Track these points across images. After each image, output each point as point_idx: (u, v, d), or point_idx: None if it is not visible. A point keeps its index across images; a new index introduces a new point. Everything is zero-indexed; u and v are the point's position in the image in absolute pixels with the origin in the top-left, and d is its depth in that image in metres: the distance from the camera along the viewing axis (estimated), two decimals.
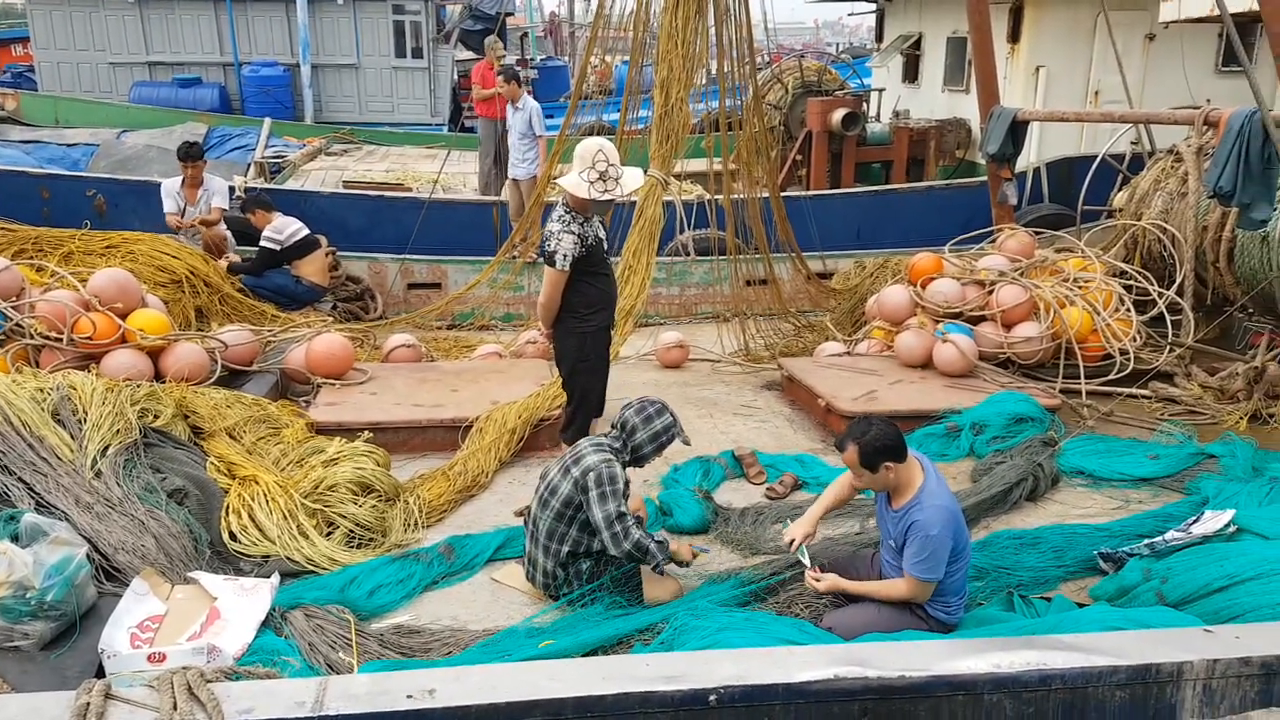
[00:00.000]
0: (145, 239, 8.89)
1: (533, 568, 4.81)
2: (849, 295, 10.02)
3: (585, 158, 5.64)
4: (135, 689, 3.09)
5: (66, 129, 18.28)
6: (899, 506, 4.23)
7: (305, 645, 4.16)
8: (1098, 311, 7.74)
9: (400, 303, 10.79)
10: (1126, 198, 9.64)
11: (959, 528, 4.18)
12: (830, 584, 4.37)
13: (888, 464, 4.16)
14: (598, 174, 5.61)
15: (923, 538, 4.06)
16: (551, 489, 4.70)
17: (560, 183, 5.74)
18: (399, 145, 18.74)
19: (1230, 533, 4.78)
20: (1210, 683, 3.47)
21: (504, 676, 3.28)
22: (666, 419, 4.78)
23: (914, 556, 4.10)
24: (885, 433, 4.18)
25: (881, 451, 4.15)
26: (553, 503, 4.67)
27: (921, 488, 4.20)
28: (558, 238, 5.65)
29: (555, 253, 5.65)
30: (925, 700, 3.31)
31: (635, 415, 4.77)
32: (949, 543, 4.09)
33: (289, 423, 6.42)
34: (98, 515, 4.71)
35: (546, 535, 4.68)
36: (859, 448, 4.17)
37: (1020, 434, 6.44)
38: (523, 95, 11.14)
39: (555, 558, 4.68)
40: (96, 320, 6.72)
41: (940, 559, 4.07)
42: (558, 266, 5.66)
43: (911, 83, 16.98)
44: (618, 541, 4.49)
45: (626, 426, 4.75)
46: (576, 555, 4.68)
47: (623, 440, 4.75)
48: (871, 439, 4.15)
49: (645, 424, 4.73)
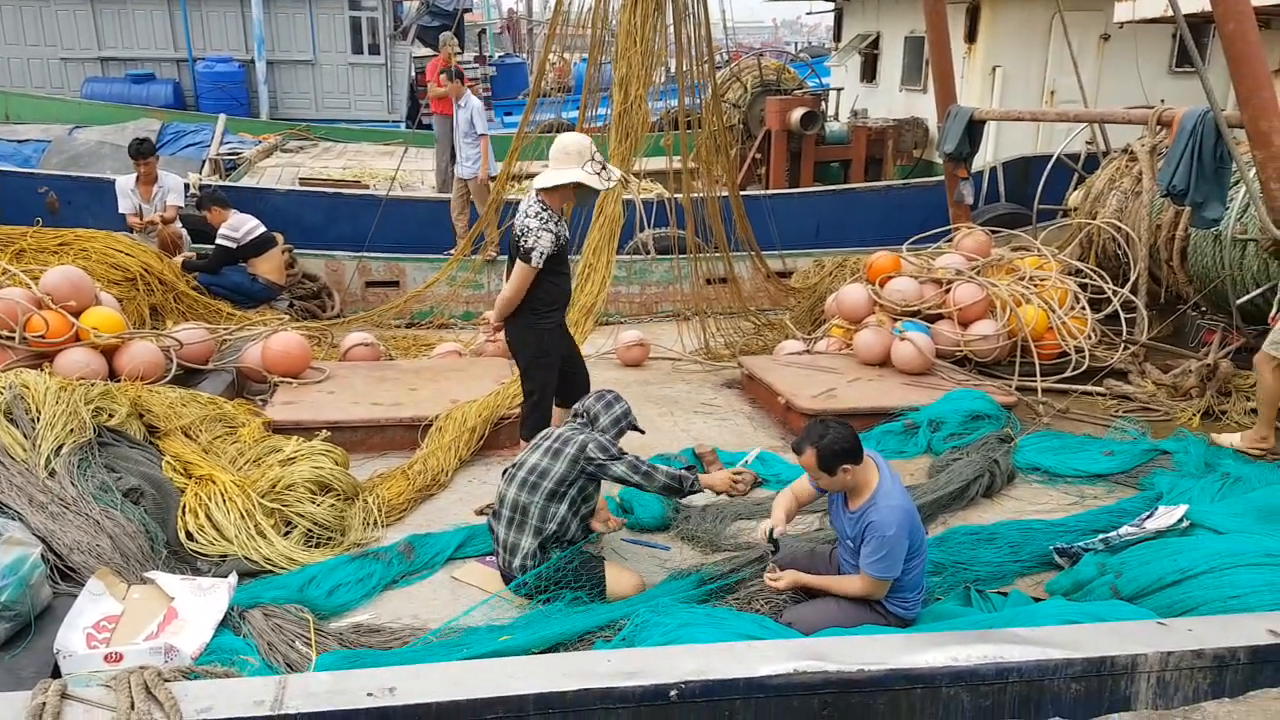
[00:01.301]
0: (99, 236, 8.76)
1: (510, 554, 4.77)
2: (808, 294, 10.09)
3: (583, 152, 5.65)
4: (92, 689, 3.07)
5: (18, 125, 17.99)
6: (855, 508, 4.28)
7: (264, 644, 4.13)
8: (1053, 309, 7.86)
9: (358, 301, 10.73)
10: (1081, 197, 9.79)
11: (915, 526, 4.24)
12: (790, 580, 4.41)
13: (845, 466, 4.20)
14: (600, 164, 5.69)
15: (879, 538, 4.11)
16: (540, 472, 4.72)
17: (567, 178, 5.62)
18: (356, 142, 18.62)
19: (1183, 528, 4.86)
20: (1164, 675, 3.54)
21: (465, 673, 3.28)
22: (624, 405, 5.02)
23: (870, 556, 4.15)
24: (842, 435, 4.22)
25: (839, 455, 4.19)
26: (544, 484, 4.69)
27: (877, 488, 4.24)
28: (536, 235, 5.57)
29: (533, 250, 5.57)
30: (884, 694, 3.36)
31: (596, 403, 4.98)
32: (905, 542, 4.15)
33: (245, 422, 6.37)
34: (52, 515, 4.65)
35: (539, 517, 4.70)
36: (817, 451, 4.21)
37: (977, 431, 6.52)
38: (465, 93, 11.10)
39: (540, 535, 4.71)
40: (49, 318, 6.62)
41: (897, 558, 4.13)
42: (533, 263, 5.59)
43: (869, 82, 17.12)
44: (651, 478, 4.74)
45: (590, 413, 4.93)
46: (558, 538, 4.72)
47: (587, 426, 4.89)
48: (829, 442, 4.19)
49: (606, 410, 4.94)
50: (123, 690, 3.01)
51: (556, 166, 5.68)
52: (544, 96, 9.77)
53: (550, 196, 5.69)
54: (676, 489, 4.80)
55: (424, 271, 10.59)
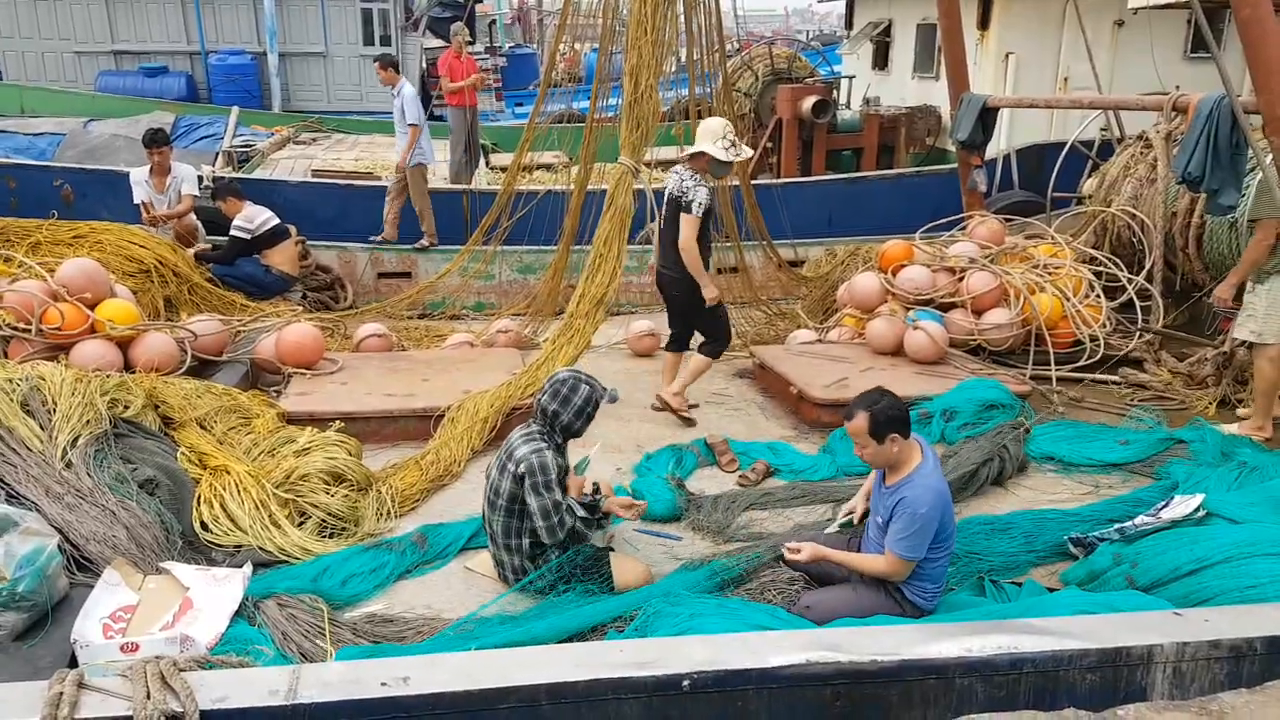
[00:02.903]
0: (113, 229, 8.81)
1: (501, 568, 4.82)
2: (820, 283, 10.05)
3: (716, 131, 6.72)
4: (108, 678, 3.08)
5: (32, 118, 18.06)
6: (893, 483, 4.26)
7: (278, 634, 4.15)
8: (1067, 298, 7.81)
9: (370, 292, 10.73)
10: (1096, 184, 9.72)
11: (947, 512, 4.21)
12: (811, 552, 4.39)
13: (894, 435, 4.18)
14: (729, 142, 6.69)
15: (910, 514, 4.09)
16: (495, 489, 4.72)
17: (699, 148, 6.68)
18: (368, 134, 18.63)
19: (1200, 517, 4.82)
20: (1180, 665, 3.51)
21: (478, 663, 3.29)
22: (584, 390, 4.75)
23: (899, 533, 4.12)
24: (895, 403, 4.22)
25: (891, 422, 4.17)
26: (499, 502, 4.68)
27: (918, 467, 4.23)
28: (694, 189, 6.61)
29: (693, 200, 6.59)
30: (897, 684, 3.34)
31: (552, 400, 4.73)
32: (935, 524, 4.12)
33: (260, 413, 6.38)
34: (68, 506, 4.68)
35: (504, 534, 4.69)
36: (870, 415, 4.18)
37: (991, 420, 6.48)
38: (399, 81, 10.96)
39: (520, 553, 4.70)
40: (65, 310, 6.66)
41: (924, 539, 4.10)
42: (694, 212, 6.59)
43: (881, 70, 17.04)
44: (553, 532, 4.58)
45: (547, 413, 4.75)
46: (542, 546, 4.69)
47: (549, 426, 4.76)
48: (883, 408, 4.18)
49: (564, 405, 4.72)
50: (139, 680, 3.01)
51: (698, 143, 6.76)
52: (555, 87, 9.74)
53: (694, 163, 6.75)
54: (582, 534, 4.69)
55: (436, 263, 10.59)
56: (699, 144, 6.74)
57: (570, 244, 8.88)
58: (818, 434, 6.80)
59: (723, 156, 6.65)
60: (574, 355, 7.04)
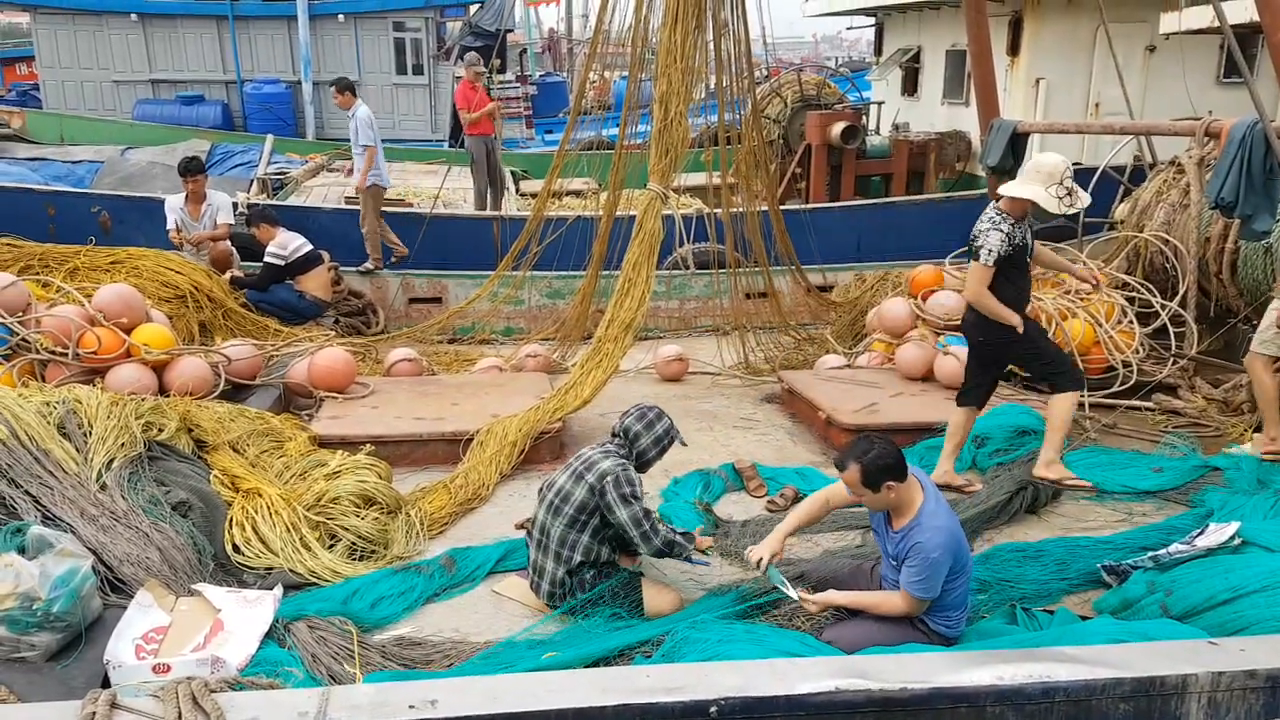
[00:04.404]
0: (149, 255, 8.95)
1: (539, 577, 4.81)
2: (849, 308, 10.03)
3: (1053, 174, 5.74)
4: (140, 699, 3.10)
5: (71, 146, 18.37)
6: (899, 527, 4.23)
7: (308, 656, 4.17)
8: (1100, 323, 7.76)
9: (401, 317, 10.82)
10: (1128, 210, 9.66)
11: (960, 547, 4.18)
12: (824, 601, 4.36)
13: (889, 483, 4.15)
14: (1065, 190, 5.76)
15: (922, 560, 4.06)
16: (564, 496, 4.71)
17: (1024, 193, 5.78)
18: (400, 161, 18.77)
19: (1235, 545, 4.76)
20: (1215, 695, 3.46)
21: (506, 688, 3.28)
22: (666, 422, 4.91)
23: (913, 576, 4.10)
24: (887, 451, 4.17)
25: (884, 471, 4.14)
26: (566, 509, 4.68)
27: (921, 508, 4.19)
28: (986, 234, 5.81)
29: (982, 248, 5.81)
30: (927, 712, 3.31)
31: (637, 422, 4.86)
32: (948, 563, 4.09)
33: (292, 436, 6.45)
34: (103, 527, 4.73)
35: (559, 543, 4.69)
36: (861, 467, 4.16)
37: (1023, 447, 6.44)
38: (354, 104, 10.91)
39: (566, 564, 4.69)
40: (101, 335, 6.76)
41: (938, 579, 4.08)
42: (981, 260, 5.80)
43: (911, 95, 17.06)
44: (648, 540, 4.60)
45: (629, 433, 4.83)
46: (585, 565, 4.70)
47: (628, 447, 4.82)
48: (874, 458, 4.14)
49: (648, 429, 4.84)
50: (170, 701, 3.04)
51: (1025, 181, 5.89)
52: (584, 114, 9.82)
53: (1010, 205, 5.88)
54: (668, 555, 4.73)
55: (466, 288, 10.66)
56: (1027, 184, 5.83)
57: (599, 269, 8.93)
58: None
59: (1053, 208, 5.77)
60: (602, 380, 7.07)
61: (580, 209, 11.61)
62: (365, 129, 10.72)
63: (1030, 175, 5.87)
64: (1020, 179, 5.99)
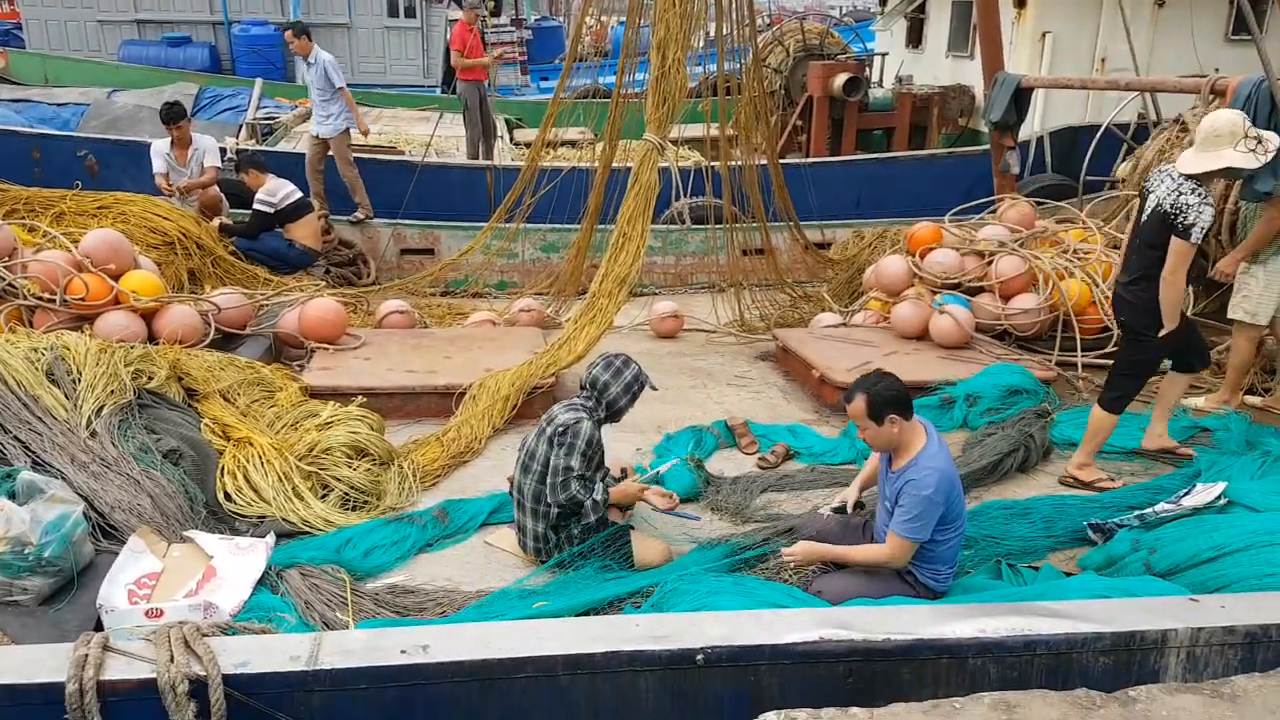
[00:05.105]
0: (137, 200, 8.94)
1: (523, 534, 4.94)
2: (846, 265, 10.09)
3: (1235, 131, 5.34)
4: (133, 642, 3.21)
5: (56, 88, 18.24)
6: (898, 468, 4.34)
7: (301, 603, 4.27)
8: (1097, 283, 7.82)
9: (393, 268, 10.85)
10: (1130, 168, 9.68)
11: (954, 494, 4.27)
12: (805, 551, 4.45)
13: (893, 416, 4.25)
14: (1254, 139, 5.34)
15: (914, 496, 4.15)
16: (531, 454, 4.85)
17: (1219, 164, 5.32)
18: (391, 107, 18.69)
19: (1221, 505, 4.87)
20: (1194, 650, 3.58)
21: (497, 634, 3.40)
22: (634, 369, 4.97)
23: (903, 514, 4.19)
24: (893, 385, 4.30)
25: (889, 403, 4.24)
26: (534, 467, 4.82)
27: (922, 450, 4.29)
28: (1198, 210, 5.26)
29: (1193, 226, 5.24)
30: (910, 663, 3.43)
31: (604, 371, 4.92)
32: (940, 506, 4.18)
33: (283, 386, 6.52)
34: (93, 474, 4.81)
35: (534, 500, 4.81)
36: (867, 397, 4.27)
37: (1014, 406, 6.54)
38: (312, 49, 10.76)
39: (546, 520, 4.81)
40: (89, 281, 6.80)
41: (928, 521, 4.17)
42: (1192, 239, 5.26)
43: (915, 48, 16.96)
44: (554, 490, 4.70)
45: (598, 384, 4.90)
46: (566, 517, 4.80)
47: (595, 397, 4.90)
48: (880, 389, 4.27)
49: (615, 377, 4.91)
50: (163, 644, 3.14)
51: (1204, 149, 5.42)
52: (580, 61, 9.79)
53: (1197, 175, 5.39)
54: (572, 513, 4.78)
55: (459, 240, 10.69)
56: (1211, 151, 5.37)
57: (594, 222, 8.96)
58: (838, 417, 6.86)
59: (1253, 164, 5.35)
60: (596, 335, 7.14)
61: (575, 160, 11.62)
62: (335, 72, 10.66)
63: (1210, 141, 5.41)
64: (1199, 148, 5.46)
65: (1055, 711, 2.81)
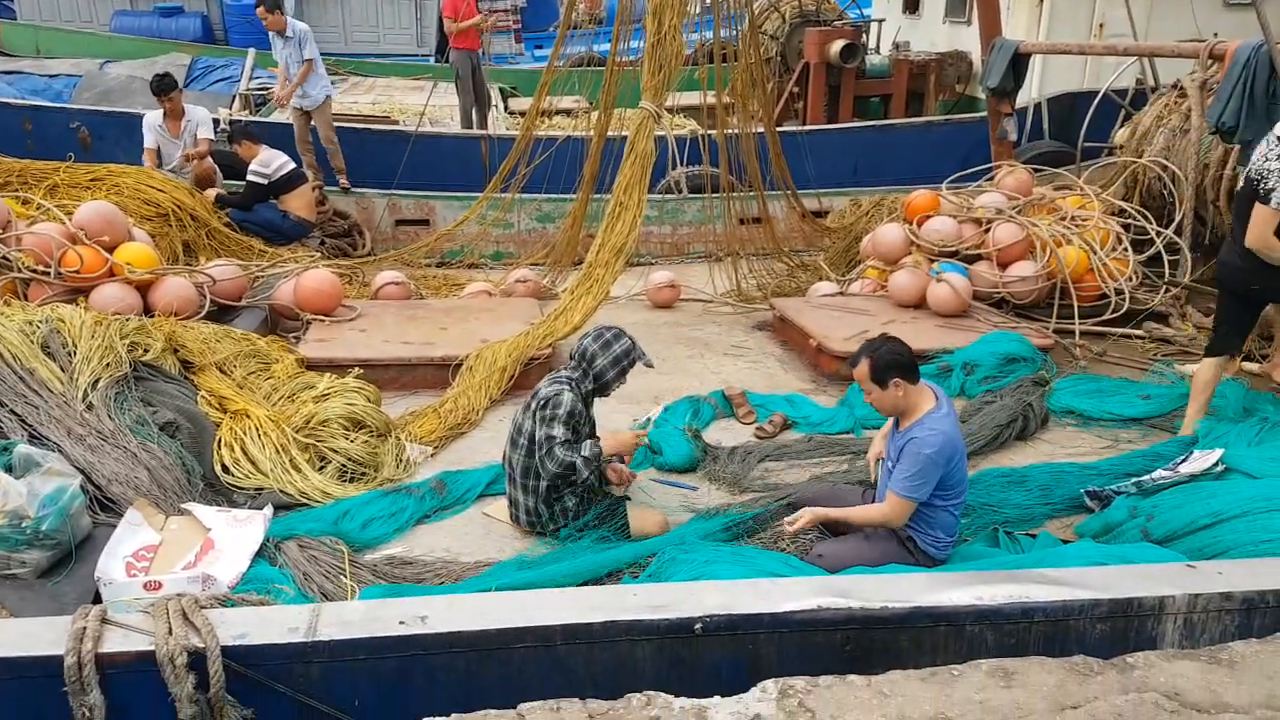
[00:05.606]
0: (130, 172, 8.89)
1: (515, 508, 4.93)
2: (844, 234, 10.05)
3: None
4: (131, 614, 3.21)
5: (48, 59, 18.11)
6: (904, 428, 4.34)
7: (299, 575, 4.28)
8: (1095, 250, 7.80)
9: (388, 239, 10.80)
10: (1128, 135, 9.64)
11: (956, 457, 4.27)
12: (809, 517, 4.44)
13: (897, 380, 4.24)
14: None
15: (915, 454, 4.15)
16: (519, 429, 4.83)
17: None
18: (385, 77, 18.58)
19: (1219, 472, 4.87)
20: (1191, 616, 3.59)
21: (496, 604, 3.40)
22: (626, 343, 4.89)
23: (903, 473, 4.20)
24: (898, 349, 4.30)
25: (892, 366, 4.24)
26: (521, 441, 4.80)
27: (929, 412, 4.29)
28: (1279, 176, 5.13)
29: (1275, 190, 5.13)
30: (907, 631, 3.43)
31: (593, 342, 4.86)
32: (940, 468, 4.18)
33: (279, 358, 6.50)
34: (90, 447, 4.80)
35: (523, 474, 4.80)
36: (870, 361, 4.27)
37: (1012, 374, 6.54)
38: (286, 23, 10.57)
39: (535, 494, 4.80)
40: (84, 254, 6.76)
41: (927, 481, 4.17)
42: (1274, 204, 5.14)
43: (912, 13, 16.83)
44: (542, 462, 4.65)
45: (586, 354, 4.84)
46: (557, 490, 4.79)
47: (583, 369, 4.85)
48: (884, 353, 4.27)
49: (604, 349, 4.84)
50: (161, 616, 3.14)
51: None
52: (575, 28, 9.71)
53: None
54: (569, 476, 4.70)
55: (454, 210, 10.63)
56: None
57: (590, 192, 8.91)
58: (836, 387, 6.86)
59: None
60: (593, 306, 7.12)
61: (570, 129, 11.55)
62: (310, 42, 10.51)
63: None
64: None
65: (1053, 678, 2.81)
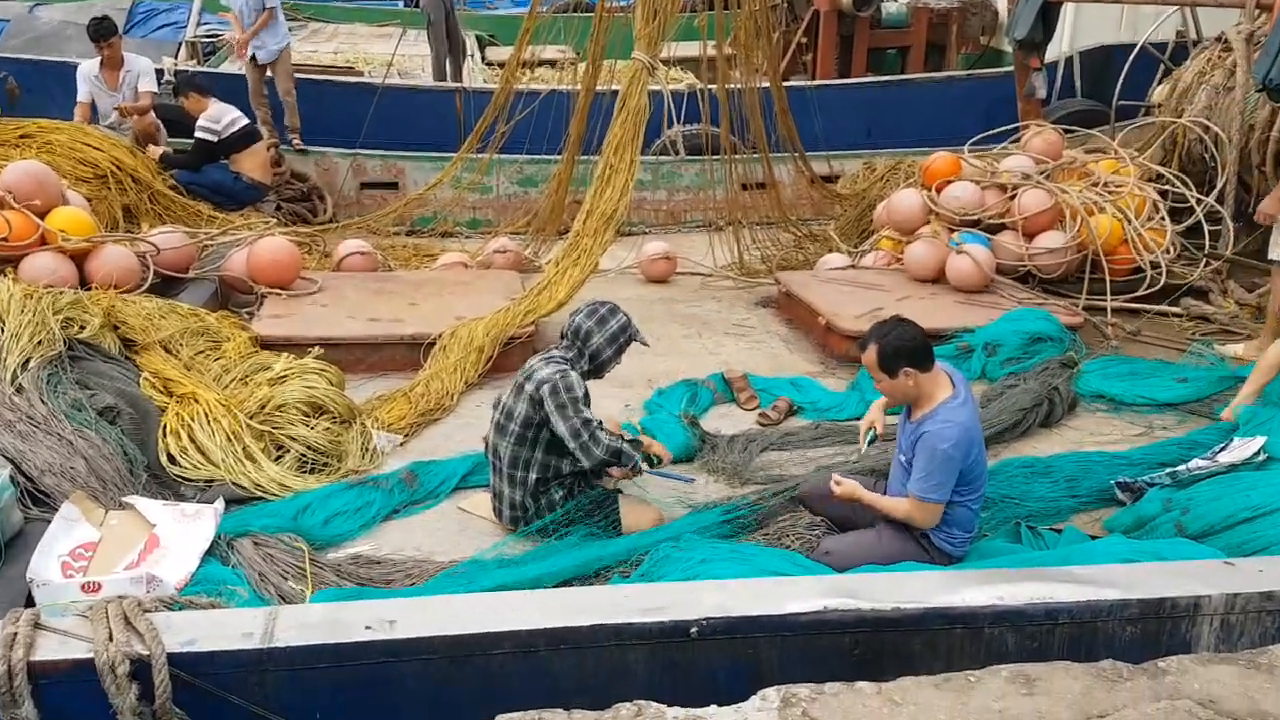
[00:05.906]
0: (64, 128, 8.83)
1: (499, 501, 4.93)
2: (856, 201, 10.06)
3: None
4: (67, 619, 3.18)
5: None
6: (916, 419, 4.33)
7: (255, 575, 4.29)
8: (1129, 220, 7.82)
9: (352, 204, 10.77)
10: (1167, 92, 9.65)
11: (975, 449, 4.28)
12: (849, 489, 4.43)
13: (908, 369, 4.23)
14: None
15: (930, 451, 4.14)
16: (507, 413, 4.80)
17: None
18: (349, 23, 18.45)
19: (1260, 461, 4.91)
20: (1229, 618, 3.61)
21: (472, 606, 3.42)
22: (621, 318, 4.88)
23: (919, 472, 4.20)
24: (908, 334, 4.27)
25: (901, 354, 4.22)
26: (511, 426, 4.76)
27: (944, 402, 4.27)
28: None
29: None
30: (921, 634, 3.46)
31: (588, 318, 4.84)
32: (958, 463, 4.17)
33: (230, 336, 6.51)
34: (20, 434, 4.79)
35: (510, 464, 4.79)
36: (878, 347, 4.26)
37: (1037, 355, 6.55)
38: None
39: (523, 486, 4.79)
40: (12, 219, 6.72)
41: (947, 480, 4.18)
42: None
43: None
44: (588, 451, 4.62)
45: (580, 332, 4.82)
46: (547, 482, 4.79)
47: (577, 348, 4.83)
48: (892, 339, 4.24)
49: (600, 325, 4.82)
50: (100, 621, 3.12)
51: None
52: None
53: None
54: (615, 463, 4.76)
55: (426, 172, 10.60)
56: None
57: (576, 153, 8.90)
58: (846, 369, 6.88)
59: None
60: (580, 279, 7.12)
61: (555, 82, 11.51)
62: None
63: None
64: None
65: (1078, 685, 2.84)
